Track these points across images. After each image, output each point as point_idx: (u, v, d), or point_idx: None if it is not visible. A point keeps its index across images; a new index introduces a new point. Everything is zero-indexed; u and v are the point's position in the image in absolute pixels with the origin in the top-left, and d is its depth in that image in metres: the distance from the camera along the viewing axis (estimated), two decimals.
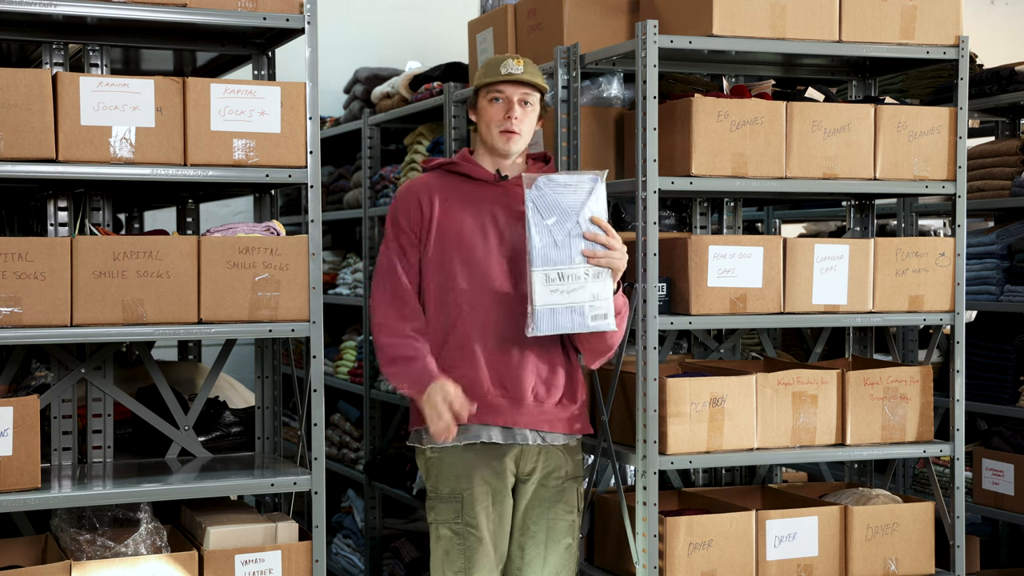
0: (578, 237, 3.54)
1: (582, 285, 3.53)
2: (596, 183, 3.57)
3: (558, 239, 3.53)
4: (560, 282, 3.52)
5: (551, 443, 3.74)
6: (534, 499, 3.75)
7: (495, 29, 4.86)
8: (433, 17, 7.51)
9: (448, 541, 3.70)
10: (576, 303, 3.53)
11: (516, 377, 3.67)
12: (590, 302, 3.54)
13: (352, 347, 6.45)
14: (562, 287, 3.52)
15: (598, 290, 3.55)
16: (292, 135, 3.67)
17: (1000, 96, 5.51)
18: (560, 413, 3.74)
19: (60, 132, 3.46)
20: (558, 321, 3.53)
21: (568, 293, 3.53)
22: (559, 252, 3.53)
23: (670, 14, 4.12)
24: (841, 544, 4.12)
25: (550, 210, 3.53)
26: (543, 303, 3.51)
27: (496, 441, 3.68)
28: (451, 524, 3.70)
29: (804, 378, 4.11)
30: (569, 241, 3.54)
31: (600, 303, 3.56)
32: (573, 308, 3.53)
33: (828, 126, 4.08)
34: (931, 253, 4.25)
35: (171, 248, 3.55)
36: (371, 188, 6.08)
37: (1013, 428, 5.35)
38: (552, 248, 3.52)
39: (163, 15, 3.61)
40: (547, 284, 3.51)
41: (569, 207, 3.54)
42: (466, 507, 3.68)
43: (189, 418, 3.99)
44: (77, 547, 3.58)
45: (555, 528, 3.76)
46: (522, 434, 3.69)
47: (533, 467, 3.73)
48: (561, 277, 3.52)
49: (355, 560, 6.32)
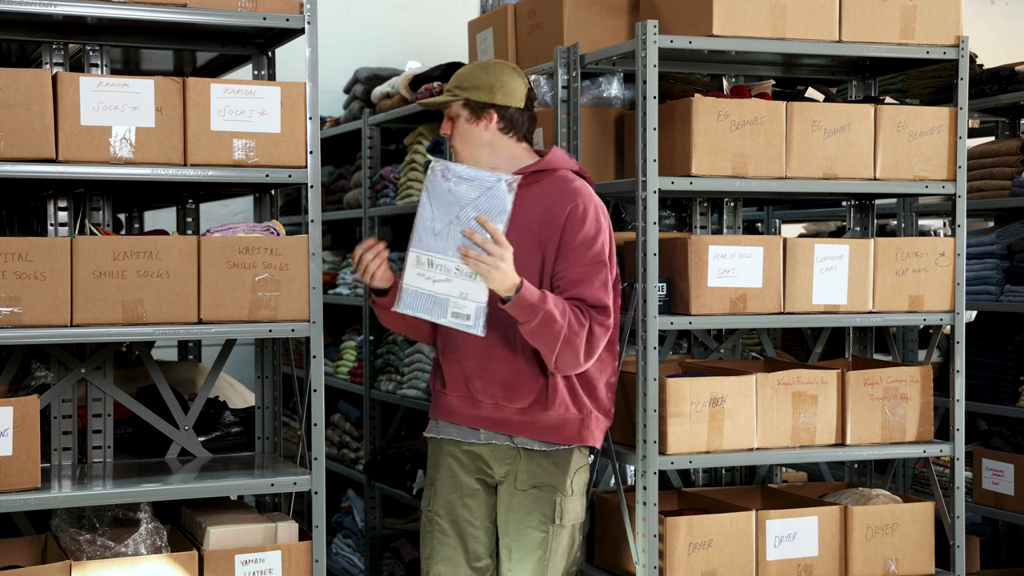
0: (458, 231, 3.46)
1: (450, 279, 3.46)
2: (497, 183, 3.45)
3: (438, 228, 3.47)
4: (429, 268, 3.48)
5: (522, 447, 3.66)
6: (511, 503, 3.69)
7: (495, 29, 4.86)
8: (433, 17, 7.51)
9: (423, 527, 3.81)
10: (440, 295, 3.47)
11: (479, 379, 3.67)
12: (455, 298, 3.47)
13: (352, 347, 6.45)
14: (430, 274, 3.48)
15: (469, 290, 3.46)
16: (292, 135, 3.67)
17: (1000, 96, 5.51)
18: (529, 419, 3.64)
19: (60, 132, 3.46)
20: (419, 305, 3.49)
21: (434, 282, 3.48)
22: (435, 240, 3.47)
23: (670, 14, 4.12)
24: (841, 544, 4.12)
25: (439, 197, 3.48)
26: (409, 283, 3.49)
27: (454, 438, 3.74)
28: (425, 511, 3.80)
29: (804, 378, 4.11)
30: (448, 232, 3.46)
31: (466, 303, 3.46)
32: (434, 298, 3.48)
33: (828, 126, 4.08)
34: (931, 253, 4.25)
35: (171, 248, 3.55)
36: (371, 188, 6.08)
37: (1013, 428, 5.35)
38: (430, 234, 3.48)
39: (163, 15, 3.61)
40: (416, 266, 3.48)
41: (458, 199, 3.46)
42: (434, 496, 3.77)
43: (189, 418, 3.99)
44: (77, 547, 3.58)
45: (526, 537, 3.67)
46: (485, 434, 3.69)
47: (507, 469, 3.69)
48: (431, 264, 3.48)
49: (355, 560, 6.32)
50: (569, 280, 3.58)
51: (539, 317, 3.46)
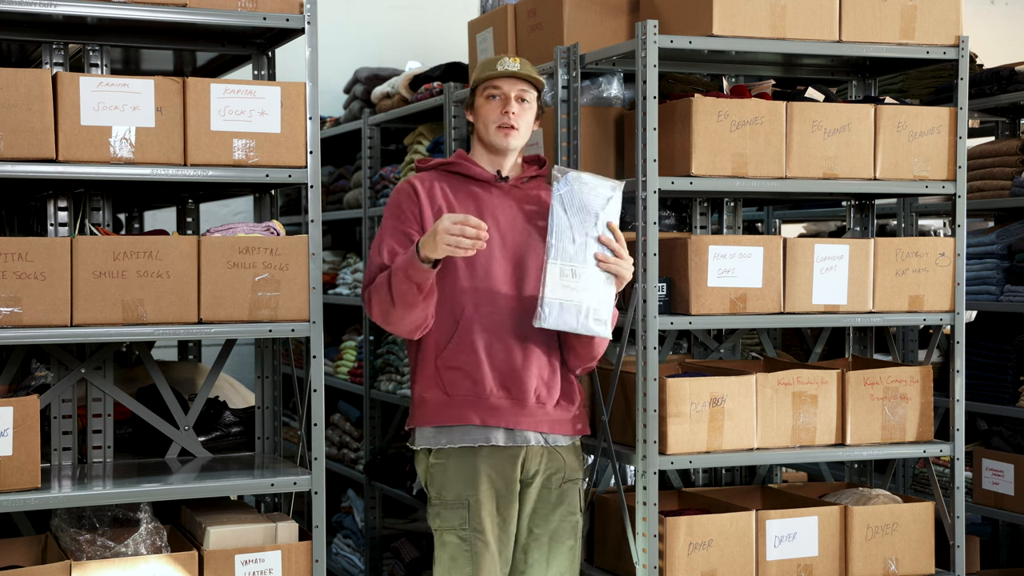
0: (594, 239, 3.55)
1: (590, 287, 3.55)
2: (616, 191, 3.59)
3: (576, 237, 3.54)
4: (572, 279, 3.53)
5: (553, 445, 3.73)
6: (538, 502, 3.73)
7: (495, 29, 4.86)
8: (433, 17, 7.51)
9: (455, 547, 3.65)
10: (582, 303, 3.54)
11: (519, 379, 3.65)
12: (595, 305, 3.56)
13: (352, 347, 6.45)
14: (573, 284, 3.53)
15: (604, 295, 3.57)
16: (292, 135, 3.67)
17: (1000, 96, 5.51)
18: (561, 415, 3.74)
19: (60, 132, 3.46)
20: (565, 317, 3.54)
21: (578, 291, 3.54)
22: (575, 249, 3.54)
23: (670, 14, 4.12)
24: (841, 544, 4.12)
25: (575, 207, 3.54)
26: (553, 296, 3.52)
27: (499, 444, 3.65)
28: (457, 531, 3.65)
29: (804, 378, 4.11)
30: (586, 241, 3.55)
31: (603, 308, 3.58)
32: (579, 307, 3.54)
33: (828, 126, 4.08)
34: (931, 253, 4.25)
35: (171, 248, 3.55)
36: (371, 188, 6.08)
37: (1013, 428, 5.35)
38: (570, 244, 3.54)
39: (163, 15, 3.61)
40: (560, 279, 3.53)
41: (590, 207, 3.56)
42: (472, 513, 3.63)
43: (189, 418, 3.99)
44: (77, 547, 3.58)
45: (559, 530, 3.75)
46: (524, 436, 3.67)
47: (536, 469, 3.71)
48: (574, 274, 3.53)
49: (355, 560, 6.32)
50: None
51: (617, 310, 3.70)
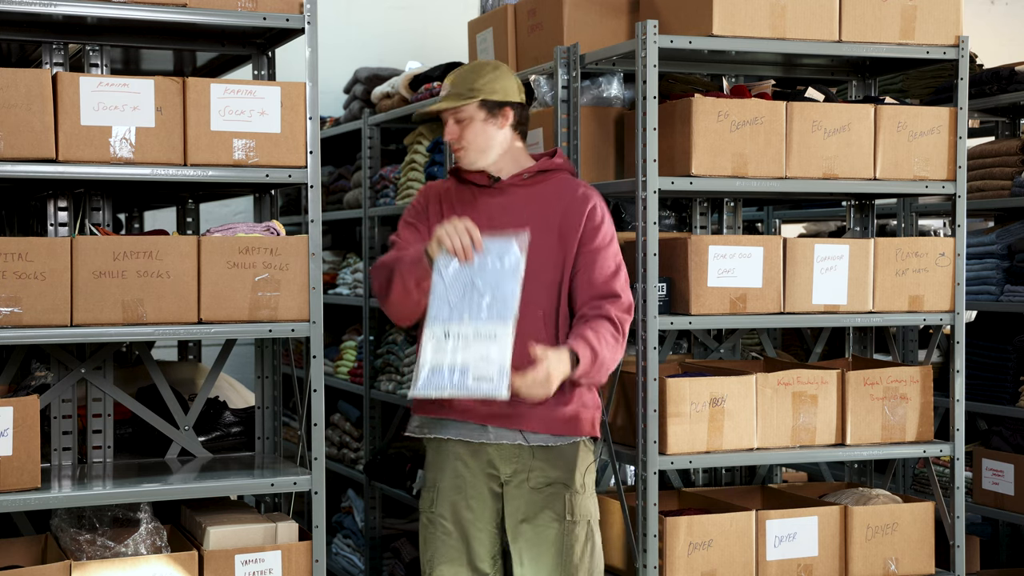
0: (473, 295, 3.34)
1: (468, 345, 3.33)
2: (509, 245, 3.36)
3: (453, 299, 3.36)
4: (446, 340, 3.34)
5: (535, 444, 3.63)
6: (521, 503, 3.65)
7: (495, 29, 4.86)
8: (433, 17, 7.51)
9: (424, 528, 3.74)
10: (460, 363, 3.33)
11: None
12: (476, 362, 3.32)
13: (352, 347, 6.45)
14: (448, 346, 3.34)
15: (489, 351, 3.32)
16: (292, 135, 3.67)
17: (1000, 96, 5.52)
18: (543, 414, 3.61)
19: (60, 132, 3.46)
20: (439, 381, 3.33)
21: (453, 352, 3.33)
22: (451, 312, 3.35)
23: (670, 14, 4.13)
24: (841, 544, 4.12)
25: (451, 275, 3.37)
26: (428, 362, 3.34)
27: (471, 440, 3.64)
28: (427, 512, 3.73)
29: (804, 378, 4.12)
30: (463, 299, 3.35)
31: (488, 365, 3.31)
32: (454, 368, 3.33)
33: (828, 126, 4.09)
34: (931, 253, 4.25)
35: (171, 248, 3.55)
36: (371, 188, 6.08)
37: (1013, 428, 5.35)
38: (445, 307, 3.36)
39: (163, 15, 3.61)
40: (433, 341, 3.33)
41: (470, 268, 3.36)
42: (437, 498, 3.70)
43: (189, 418, 3.99)
44: (77, 547, 3.58)
45: (540, 536, 3.64)
46: (499, 433, 3.62)
47: (515, 468, 3.65)
48: (447, 335, 3.34)
49: (355, 560, 6.32)
50: (597, 279, 3.59)
51: (599, 367, 3.52)
